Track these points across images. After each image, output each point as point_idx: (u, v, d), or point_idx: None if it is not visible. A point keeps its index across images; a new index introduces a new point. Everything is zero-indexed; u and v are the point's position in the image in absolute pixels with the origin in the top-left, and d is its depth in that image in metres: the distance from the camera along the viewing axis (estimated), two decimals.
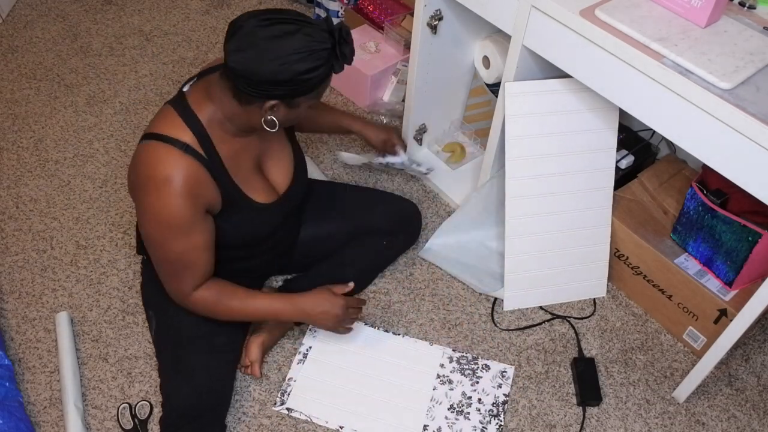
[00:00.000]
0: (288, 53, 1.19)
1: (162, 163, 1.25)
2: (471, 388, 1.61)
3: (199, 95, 1.32)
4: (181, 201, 1.26)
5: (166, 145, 1.26)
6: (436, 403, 1.57)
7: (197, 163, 1.28)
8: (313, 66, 1.21)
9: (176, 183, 1.25)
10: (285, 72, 1.19)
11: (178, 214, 1.26)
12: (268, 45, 1.18)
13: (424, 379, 1.62)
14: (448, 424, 1.54)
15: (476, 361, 1.66)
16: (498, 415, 1.56)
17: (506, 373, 1.64)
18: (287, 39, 1.19)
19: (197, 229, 1.31)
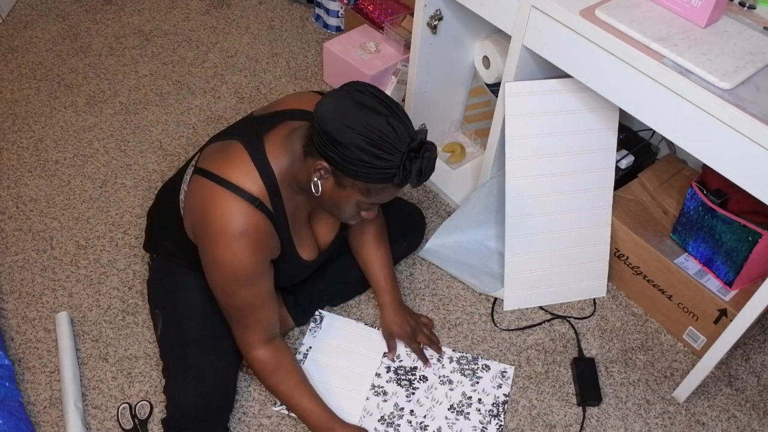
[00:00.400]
0: (360, 122, 1.15)
1: (234, 218, 1.25)
2: (471, 388, 1.61)
3: (276, 142, 1.30)
4: (252, 256, 1.27)
5: (237, 197, 1.25)
6: (436, 403, 1.57)
7: (266, 219, 1.29)
8: (373, 152, 1.16)
9: (249, 239, 1.26)
10: (345, 135, 1.15)
11: (249, 267, 1.28)
12: (352, 106, 1.16)
13: (425, 381, 1.62)
14: (448, 424, 1.54)
15: (476, 361, 1.66)
16: (498, 415, 1.56)
17: (506, 373, 1.64)
18: (370, 113, 1.16)
19: (265, 277, 1.34)
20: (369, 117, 1.16)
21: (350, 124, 1.15)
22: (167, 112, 2.24)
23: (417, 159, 1.18)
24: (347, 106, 1.16)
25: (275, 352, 1.42)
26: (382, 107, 1.17)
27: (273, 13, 2.66)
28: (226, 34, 2.56)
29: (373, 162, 1.16)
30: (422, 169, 1.20)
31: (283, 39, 2.55)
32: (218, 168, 1.29)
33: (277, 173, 1.29)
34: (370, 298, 1.78)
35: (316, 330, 1.68)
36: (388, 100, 1.20)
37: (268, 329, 1.41)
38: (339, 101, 1.18)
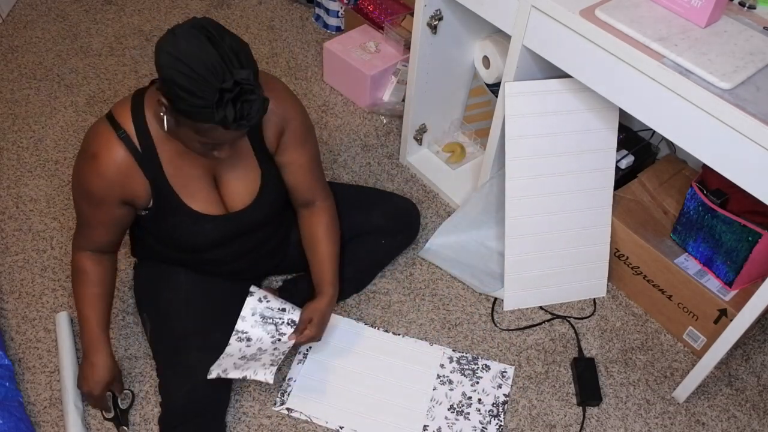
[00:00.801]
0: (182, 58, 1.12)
1: (96, 140, 1.32)
2: (471, 389, 1.61)
3: (154, 92, 1.32)
4: (98, 180, 1.32)
5: (108, 126, 1.32)
6: (436, 404, 1.57)
7: (127, 153, 1.32)
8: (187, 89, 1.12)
9: (98, 163, 1.31)
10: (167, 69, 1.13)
11: (92, 188, 1.33)
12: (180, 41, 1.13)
13: (424, 379, 1.62)
14: (448, 425, 1.54)
15: (476, 361, 1.66)
16: (498, 415, 1.56)
17: (506, 373, 1.64)
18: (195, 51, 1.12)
19: (103, 208, 1.37)
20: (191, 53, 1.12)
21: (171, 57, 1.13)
22: None
23: (237, 101, 1.15)
24: (176, 42, 1.14)
25: (93, 262, 1.46)
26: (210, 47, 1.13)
27: (273, 13, 2.66)
28: None
29: (189, 99, 1.13)
30: (237, 111, 1.15)
31: (283, 39, 2.55)
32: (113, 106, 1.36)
33: (149, 117, 1.32)
34: (369, 298, 1.78)
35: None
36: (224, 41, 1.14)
37: (96, 245, 1.45)
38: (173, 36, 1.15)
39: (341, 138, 2.20)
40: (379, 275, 1.83)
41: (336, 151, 2.15)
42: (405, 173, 2.12)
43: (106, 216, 1.39)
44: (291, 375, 1.60)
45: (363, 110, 2.30)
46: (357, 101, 2.32)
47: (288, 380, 1.59)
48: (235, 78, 1.13)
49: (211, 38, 1.14)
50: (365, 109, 2.30)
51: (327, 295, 1.55)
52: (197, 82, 1.12)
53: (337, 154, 2.14)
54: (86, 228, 1.42)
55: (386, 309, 1.76)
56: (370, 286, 1.80)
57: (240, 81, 1.14)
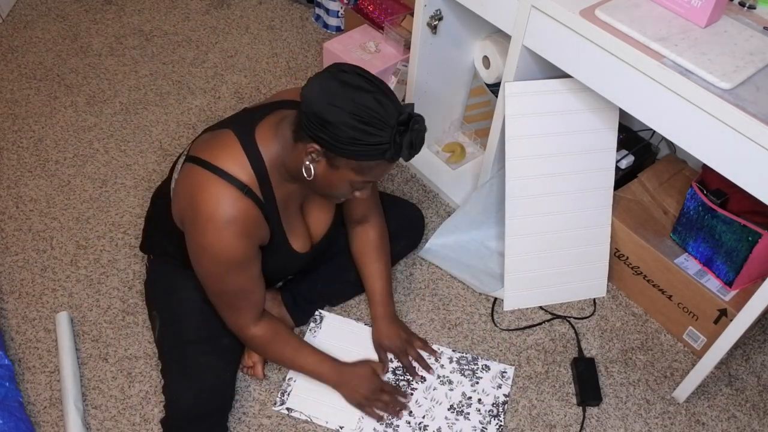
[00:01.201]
0: (347, 101, 1.15)
1: (223, 204, 1.25)
2: (471, 389, 1.61)
3: (267, 131, 1.30)
4: (241, 242, 1.28)
5: (226, 184, 1.26)
6: (435, 404, 1.57)
7: (255, 206, 1.29)
8: (363, 129, 1.16)
9: (237, 226, 1.27)
10: (334, 114, 1.15)
11: (239, 253, 1.29)
12: (338, 86, 1.17)
13: (423, 382, 1.62)
14: (448, 425, 1.54)
15: (476, 361, 1.66)
16: (498, 416, 1.56)
17: (506, 373, 1.64)
18: (358, 92, 1.16)
19: (253, 262, 1.35)
20: (355, 94, 1.16)
21: (337, 102, 1.16)
22: (167, 112, 2.24)
23: (407, 132, 1.19)
24: (332, 86, 1.17)
25: (268, 325, 1.46)
26: (367, 84, 1.18)
27: (273, 13, 2.66)
28: (226, 34, 2.55)
29: (363, 139, 1.16)
30: (413, 141, 1.20)
31: (283, 39, 2.55)
32: (208, 155, 1.29)
33: (267, 161, 1.30)
34: None
35: (317, 330, 1.68)
36: (372, 77, 1.20)
37: (259, 308, 1.43)
38: (324, 81, 1.18)
39: None
40: None
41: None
42: (405, 173, 2.12)
43: (255, 272, 1.37)
44: (291, 375, 1.60)
45: None
46: None
47: (288, 380, 1.60)
48: (408, 111, 1.19)
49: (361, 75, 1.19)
50: None
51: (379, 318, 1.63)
52: (373, 122, 1.16)
53: None
54: (244, 299, 1.39)
55: None
56: None
57: (411, 113, 1.19)
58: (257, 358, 1.57)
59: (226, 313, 1.42)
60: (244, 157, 1.28)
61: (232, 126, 1.32)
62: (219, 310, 1.43)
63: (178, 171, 1.38)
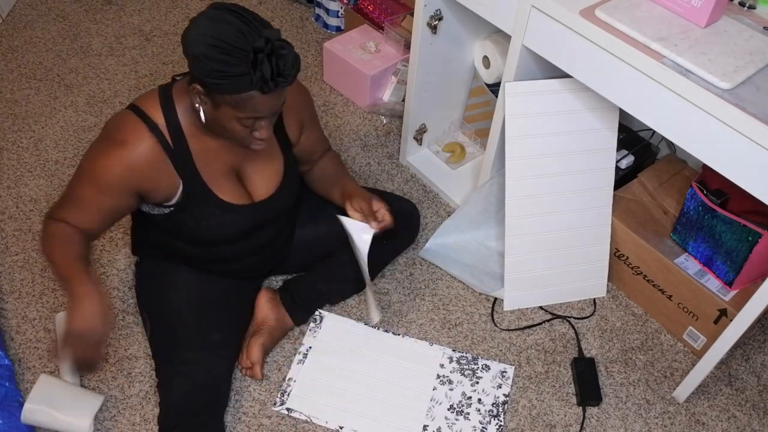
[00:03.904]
0: (208, 34, 1.16)
1: (125, 129, 1.30)
2: (471, 389, 1.61)
3: (183, 87, 1.34)
4: (118, 168, 1.29)
5: (138, 118, 1.30)
6: (436, 404, 1.57)
7: (159, 147, 1.31)
8: (221, 59, 1.15)
9: (126, 151, 1.29)
10: (196, 47, 1.16)
11: (108, 175, 1.30)
12: (206, 21, 1.17)
13: (424, 379, 1.62)
14: (448, 425, 1.54)
15: (476, 361, 1.66)
16: (498, 416, 1.56)
17: (506, 373, 1.64)
18: (221, 24, 1.16)
19: (109, 196, 1.33)
20: (217, 27, 1.16)
21: (199, 36, 1.16)
22: None
23: (271, 58, 1.17)
24: (201, 22, 1.18)
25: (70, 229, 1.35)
26: (233, 18, 1.17)
27: (273, 13, 2.66)
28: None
29: (225, 69, 1.16)
30: (279, 67, 1.17)
31: None
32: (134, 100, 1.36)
33: (180, 110, 1.32)
34: None
35: (316, 330, 1.68)
36: (246, 14, 1.19)
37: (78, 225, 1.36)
38: (198, 19, 1.19)
39: (341, 138, 2.20)
40: (379, 275, 1.83)
41: (336, 151, 2.15)
42: (405, 173, 2.12)
43: (107, 204, 1.35)
44: (291, 375, 1.60)
45: (363, 110, 2.30)
46: (357, 101, 2.32)
47: (288, 380, 1.60)
48: (265, 35, 1.16)
49: (231, 10, 1.18)
50: (365, 109, 2.30)
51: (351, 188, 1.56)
52: (229, 50, 1.15)
53: None
54: (75, 208, 1.35)
55: (386, 309, 1.76)
56: None
57: (270, 38, 1.16)
58: (255, 359, 1.57)
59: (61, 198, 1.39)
60: (158, 104, 1.32)
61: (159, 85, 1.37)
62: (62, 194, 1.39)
63: None
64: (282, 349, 1.67)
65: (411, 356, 1.66)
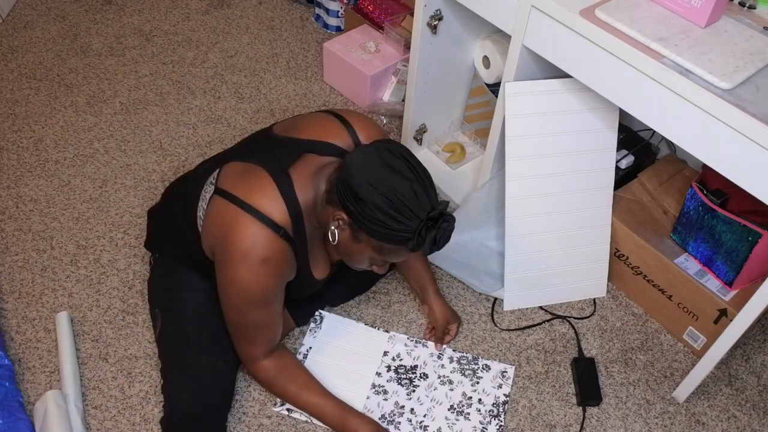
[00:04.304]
0: (384, 183, 1.18)
1: (258, 244, 1.26)
2: (471, 389, 1.61)
3: (303, 177, 1.32)
4: (271, 280, 1.30)
5: (263, 225, 1.27)
6: (436, 404, 1.57)
7: (288, 247, 1.31)
8: (391, 215, 1.18)
9: (270, 266, 1.28)
10: (368, 193, 1.18)
11: (267, 291, 1.31)
12: (380, 166, 1.19)
13: (425, 380, 1.62)
14: (448, 425, 1.54)
15: (476, 361, 1.66)
16: (498, 416, 1.56)
17: (506, 373, 1.64)
18: (396, 176, 1.19)
19: (278, 299, 1.37)
20: (394, 179, 1.18)
21: (374, 183, 1.18)
22: (167, 112, 2.24)
23: (433, 228, 1.20)
24: (375, 165, 1.19)
25: (278, 358, 1.46)
26: (409, 171, 1.20)
27: (273, 13, 2.66)
28: (226, 34, 2.55)
29: (390, 224, 1.18)
30: (437, 239, 1.21)
31: (283, 39, 2.55)
32: (242, 192, 1.29)
33: (303, 205, 1.31)
34: (369, 298, 1.78)
35: (317, 330, 1.68)
36: (417, 165, 1.22)
37: (273, 343, 1.45)
38: (368, 158, 1.21)
39: None
40: None
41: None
42: None
43: (278, 309, 1.39)
44: None
45: (363, 110, 2.30)
46: (357, 101, 2.32)
47: None
48: (440, 209, 1.20)
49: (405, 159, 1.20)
50: (365, 109, 2.30)
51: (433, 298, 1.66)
52: (402, 210, 1.17)
53: None
54: (262, 333, 1.40)
55: (386, 309, 1.76)
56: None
57: (443, 212, 1.20)
58: None
59: (240, 343, 1.43)
60: (280, 200, 1.29)
61: (264, 163, 1.32)
62: (234, 339, 1.44)
63: (206, 201, 1.37)
64: None
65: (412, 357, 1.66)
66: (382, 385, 1.60)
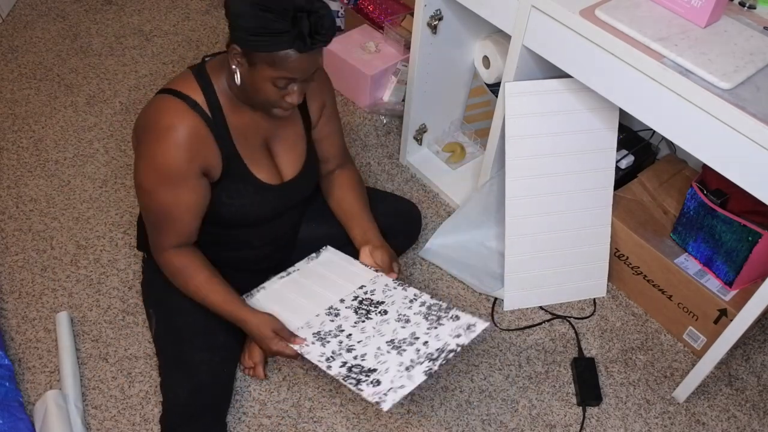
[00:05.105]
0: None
1: (168, 113, 1.30)
2: (425, 331, 1.40)
3: (216, 64, 1.36)
4: (179, 152, 1.29)
5: (175, 99, 1.31)
6: (378, 334, 1.42)
7: (202, 121, 1.32)
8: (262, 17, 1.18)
9: (178, 133, 1.29)
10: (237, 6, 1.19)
11: (174, 163, 1.30)
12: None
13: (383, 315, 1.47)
14: (375, 355, 1.37)
15: (448, 310, 1.44)
16: (435, 360, 1.32)
17: (474, 326, 1.38)
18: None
19: (188, 185, 1.34)
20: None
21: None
22: None
23: (305, 17, 1.19)
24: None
25: (186, 251, 1.42)
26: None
27: None
28: (226, 34, 2.55)
29: (265, 26, 1.18)
30: (314, 24, 1.19)
31: None
32: (165, 86, 1.36)
33: (217, 87, 1.34)
34: None
35: (313, 258, 1.63)
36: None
37: (182, 238, 1.40)
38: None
39: None
40: None
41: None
42: (405, 173, 2.12)
43: (191, 195, 1.35)
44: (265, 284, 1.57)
45: (363, 110, 2.30)
46: (357, 101, 2.32)
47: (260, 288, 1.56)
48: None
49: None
50: (365, 109, 2.30)
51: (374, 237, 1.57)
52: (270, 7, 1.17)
53: None
54: (168, 221, 1.37)
55: None
56: None
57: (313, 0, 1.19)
58: (258, 359, 1.57)
59: (150, 231, 1.41)
60: (194, 82, 1.33)
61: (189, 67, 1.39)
62: (147, 228, 1.43)
63: None
64: None
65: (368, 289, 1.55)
66: (338, 309, 1.48)
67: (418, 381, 1.29)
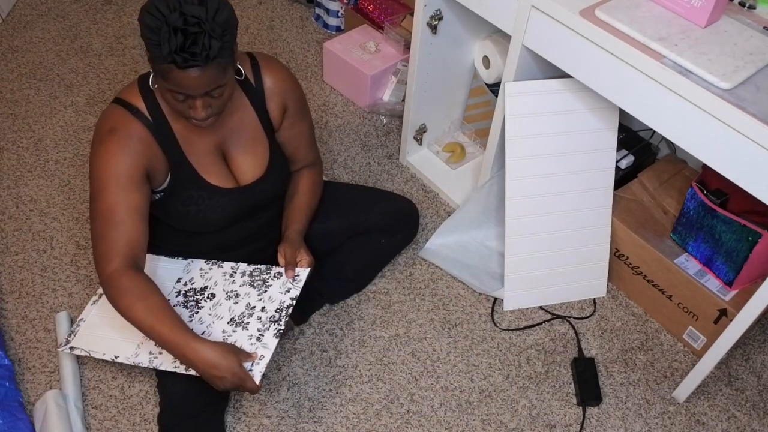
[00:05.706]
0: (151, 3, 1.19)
1: (110, 119, 1.34)
2: (257, 298, 1.46)
3: None
4: (121, 154, 1.31)
5: (118, 106, 1.35)
6: (217, 319, 1.43)
7: (144, 126, 1.34)
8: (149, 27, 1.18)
9: (117, 136, 1.32)
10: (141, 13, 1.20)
11: (114, 167, 1.31)
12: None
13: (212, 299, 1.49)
14: (224, 338, 1.40)
15: (269, 270, 1.51)
16: (279, 321, 1.41)
17: (298, 276, 1.47)
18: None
19: (132, 187, 1.33)
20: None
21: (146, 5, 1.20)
22: None
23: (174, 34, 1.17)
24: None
25: (134, 275, 1.31)
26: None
27: (273, 13, 2.66)
28: None
29: (149, 37, 1.19)
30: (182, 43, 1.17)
31: (283, 39, 2.55)
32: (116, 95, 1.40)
33: (158, 95, 1.36)
34: (369, 298, 1.78)
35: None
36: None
37: (129, 252, 1.32)
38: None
39: (341, 138, 2.20)
40: (379, 275, 1.83)
41: (336, 151, 2.15)
42: (405, 173, 2.12)
43: (135, 197, 1.32)
44: (82, 316, 1.53)
45: (363, 110, 2.30)
46: (357, 101, 2.32)
47: (79, 321, 1.53)
48: (183, 10, 1.18)
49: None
50: (365, 109, 2.30)
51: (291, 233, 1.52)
52: (151, 21, 1.18)
53: (337, 154, 2.14)
54: (112, 224, 1.30)
55: (386, 309, 1.77)
56: (370, 286, 1.80)
57: (185, 13, 1.18)
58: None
59: (97, 243, 1.33)
60: (137, 91, 1.36)
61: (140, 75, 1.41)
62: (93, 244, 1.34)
63: None
64: (282, 349, 1.67)
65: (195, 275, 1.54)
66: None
67: (273, 345, 1.38)
